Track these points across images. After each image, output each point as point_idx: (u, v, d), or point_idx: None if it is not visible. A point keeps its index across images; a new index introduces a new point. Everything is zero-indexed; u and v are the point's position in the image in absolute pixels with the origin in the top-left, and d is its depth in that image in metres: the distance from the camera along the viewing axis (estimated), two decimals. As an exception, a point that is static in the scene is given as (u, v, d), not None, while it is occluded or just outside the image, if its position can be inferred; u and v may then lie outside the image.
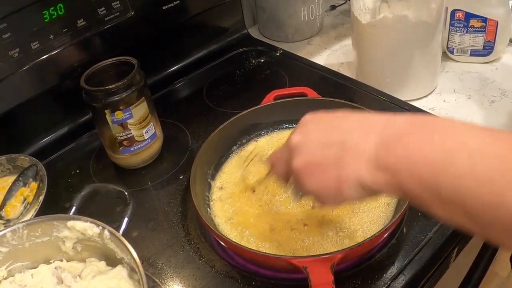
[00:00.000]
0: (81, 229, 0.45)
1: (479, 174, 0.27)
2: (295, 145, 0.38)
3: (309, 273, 0.43)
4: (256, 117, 0.64)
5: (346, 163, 0.34)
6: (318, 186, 0.36)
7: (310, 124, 0.38)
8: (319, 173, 0.36)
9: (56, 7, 0.62)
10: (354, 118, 0.36)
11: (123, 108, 0.58)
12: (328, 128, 0.37)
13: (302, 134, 0.38)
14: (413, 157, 0.30)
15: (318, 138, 0.36)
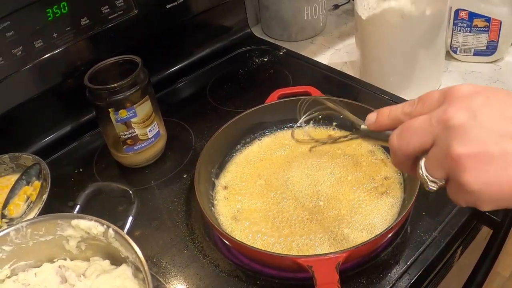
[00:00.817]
0: (86, 228, 0.45)
1: None
2: (459, 125, 0.28)
3: (314, 272, 0.43)
4: (260, 116, 0.64)
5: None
6: (487, 186, 0.28)
7: (476, 100, 0.29)
8: (494, 170, 0.28)
9: (59, 6, 0.61)
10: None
11: (127, 107, 0.58)
12: (506, 112, 0.29)
13: (468, 113, 0.29)
14: None
15: (494, 124, 0.28)
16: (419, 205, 0.53)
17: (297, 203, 0.55)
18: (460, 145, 0.29)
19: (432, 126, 0.30)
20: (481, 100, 0.29)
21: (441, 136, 0.30)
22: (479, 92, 0.30)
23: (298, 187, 0.56)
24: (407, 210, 0.48)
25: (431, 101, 0.32)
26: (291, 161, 0.61)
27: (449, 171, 0.30)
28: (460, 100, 0.30)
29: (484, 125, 0.29)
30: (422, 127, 0.31)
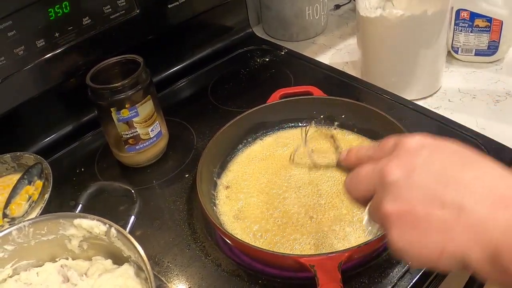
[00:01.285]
0: (88, 227, 0.45)
1: None
2: (393, 182, 0.29)
3: (316, 272, 0.43)
4: (262, 115, 0.64)
5: (456, 236, 0.26)
6: (409, 246, 0.28)
7: (418, 158, 0.29)
8: (417, 232, 0.28)
9: (61, 5, 0.62)
10: (479, 169, 0.28)
11: (129, 106, 0.58)
12: (442, 175, 0.28)
13: (405, 170, 0.29)
14: None
15: (427, 186, 0.28)
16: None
17: (299, 202, 0.55)
18: (390, 202, 0.29)
19: (373, 178, 0.31)
20: (423, 158, 0.29)
21: (378, 189, 0.30)
22: (426, 148, 0.30)
23: (300, 186, 0.56)
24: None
25: (386, 149, 0.32)
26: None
27: (381, 224, 0.31)
28: (404, 155, 0.30)
29: (416, 186, 0.28)
30: (366, 176, 0.32)
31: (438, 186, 0.28)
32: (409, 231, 0.28)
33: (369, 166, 0.32)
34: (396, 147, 0.31)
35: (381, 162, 0.31)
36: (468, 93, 0.73)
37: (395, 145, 0.32)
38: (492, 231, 0.26)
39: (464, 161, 0.29)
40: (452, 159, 0.29)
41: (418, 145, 0.30)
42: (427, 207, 0.28)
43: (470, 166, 0.28)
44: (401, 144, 0.31)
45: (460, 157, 0.29)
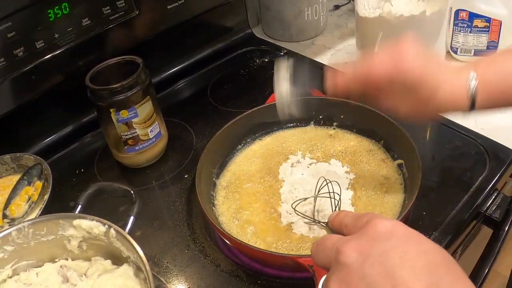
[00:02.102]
0: (87, 228, 0.45)
1: None
2: (345, 264, 0.29)
3: (315, 272, 0.43)
4: (261, 116, 0.64)
5: None
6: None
7: (378, 246, 0.29)
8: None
9: (61, 6, 0.62)
10: (439, 280, 0.27)
11: (128, 107, 0.58)
12: (394, 275, 0.27)
13: (360, 255, 0.29)
14: None
15: (373, 280, 0.28)
16: (420, 205, 0.53)
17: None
18: (336, 283, 0.29)
19: (332, 252, 0.31)
20: (382, 249, 0.29)
21: (332, 264, 0.30)
22: (394, 238, 0.29)
23: (299, 186, 0.57)
24: (407, 210, 0.49)
25: (359, 224, 0.32)
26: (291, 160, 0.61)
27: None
28: (366, 238, 0.30)
29: (364, 276, 0.28)
30: (327, 249, 0.32)
31: (385, 284, 0.27)
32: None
33: (336, 237, 0.32)
34: (366, 225, 0.31)
35: (344, 238, 0.31)
36: (467, 93, 0.73)
37: (367, 222, 0.31)
38: None
39: (427, 267, 0.27)
40: (414, 261, 0.27)
41: (387, 231, 0.29)
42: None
43: (430, 275, 0.27)
44: (371, 224, 0.30)
45: (425, 261, 0.27)
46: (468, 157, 0.59)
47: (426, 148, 0.63)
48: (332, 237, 0.32)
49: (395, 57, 0.42)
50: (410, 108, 0.44)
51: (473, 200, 0.54)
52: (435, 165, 0.59)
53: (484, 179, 0.56)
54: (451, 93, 0.42)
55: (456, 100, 0.42)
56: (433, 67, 0.43)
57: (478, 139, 0.61)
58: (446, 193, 0.55)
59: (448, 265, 0.27)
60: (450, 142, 0.62)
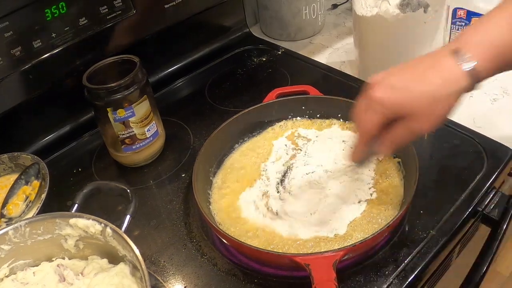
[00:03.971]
0: (83, 227, 0.45)
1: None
2: (378, 80, 0.41)
3: (311, 271, 0.43)
4: (258, 115, 0.64)
5: (432, 68, 0.40)
6: (388, 98, 0.40)
7: (379, 76, 0.42)
8: (404, 72, 0.42)
9: (58, 6, 0.62)
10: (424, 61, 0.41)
11: (125, 106, 0.58)
12: (391, 78, 0.41)
13: (380, 77, 0.42)
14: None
15: (398, 73, 0.41)
16: (417, 203, 0.53)
17: (295, 199, 0.55)
18: (377, 87, 0.41)
19: (363, 102, 0.43)
20: (383, 76, 0.42)
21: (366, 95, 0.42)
22: (382, 75, 0.42)
23: (296, 183, 0.57)
24: (404, 208, 0.49)
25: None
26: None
27: (368, 107, 0.43)
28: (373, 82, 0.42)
29: (386, 80, 0.41)
30: (361, 106, 0.44)
31: (407, 66, 0.42)
32: (400, 75, 0.41)
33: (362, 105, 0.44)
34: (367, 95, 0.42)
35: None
36: (465, 91, 0.73)
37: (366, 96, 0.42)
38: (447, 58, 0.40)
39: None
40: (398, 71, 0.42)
41: (374, 80, 0.42)
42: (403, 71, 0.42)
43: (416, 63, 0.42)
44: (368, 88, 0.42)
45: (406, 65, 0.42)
46: (466, 156, 0.59)
47: (424, 146, 0.62)
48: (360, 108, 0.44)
49: (373, 105, 0.42)
50: (428, 121, 0.41)
51: (471, 199, 0.54)
52: (433, 164, 0.59)
53: (482, 178, 0.56)
54: (444, 79, 0.40)
55: (454, 80, 0.40)
56: (412, 78, 0.41)
57: (475, 137, 0.61)
58: (443, 192, 0.55)
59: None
60: (447, 141, 0.62)
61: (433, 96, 0.39)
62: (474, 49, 0.39)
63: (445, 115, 0.41)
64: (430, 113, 0.40)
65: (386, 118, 0.41)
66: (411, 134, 0.42)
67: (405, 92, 0.40)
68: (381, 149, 0.44)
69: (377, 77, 0.42)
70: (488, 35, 0.40)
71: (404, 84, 0.40)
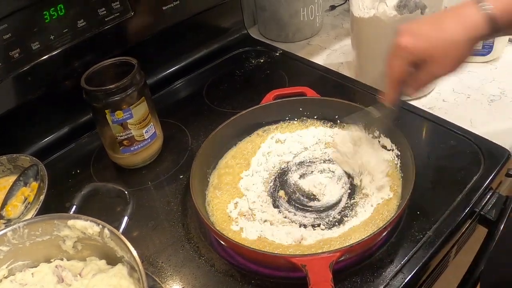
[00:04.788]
0: (82, 228, 0.45)
1: None
2: (403, 30, 0.45)
3: (308, 271, 0.43)
4: (255, 116, 0.64)
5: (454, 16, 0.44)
6: (415, 43, 0.44)
7: (405, 26, 0.45)
8: (428, 21, 0.45)
9: (56, 8, 0.62)
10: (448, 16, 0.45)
11: (123, 108, 0.58)
12: (416, 26, 0.45)
13: (407, 26, 0.45)
14: None
15: (422, 23, 0.46)
16: (414, 204, 0.53)
17: (292, 200, 0.55)
18: (403, 35, 0.46)
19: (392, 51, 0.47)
20: (408, 26, 0.46)
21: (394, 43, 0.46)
22: (408, 25, 0.47)
23: (293, 184, 0.57)
24: (401, 209, 0.49)
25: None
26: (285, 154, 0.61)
27: (395, 54, 0.46)
28: (401, 29, 0.47)
29: (411, 29, 0.46)
30: (393, 55, 0.47)
31: (432, 16, 0.47)
32: (426, 27, 0.45)
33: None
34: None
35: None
36: (463, 92, 0.74)
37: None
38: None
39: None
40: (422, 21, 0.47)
41: (401, 29, 0.46)
42: (430, 23, 0.46)
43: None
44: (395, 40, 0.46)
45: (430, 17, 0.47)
46: (463, 157, 0.59)
47: (421, 147, 0.63)
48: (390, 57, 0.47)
49: (399, 52, 0.46)
50: (447, 64, 0.46)
51: (468, 200, 0.54)
52: (430, 165, 0.59)
53: (479, 178, 0.56)
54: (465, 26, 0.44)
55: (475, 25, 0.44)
56: (436, 24, 0.45)
57: (472, 138, 0.62)
58: (440, 193, 0.56)
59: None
60: (444, 142, 0.62)
61: (451, 41, 0.44)
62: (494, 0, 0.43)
63: (463, 60, 0.46)
64: (448, 57, 0.45)
65: (411, 62, 0.46)
66: (432, 77, 0.47)
67: (426, 38, 0.45)
68: (409, 91, 0.49)
69: (404, 26, 0.46)
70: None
71: (426, 31, 0.45)
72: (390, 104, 0.51)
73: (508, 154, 0.59)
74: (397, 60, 0.46)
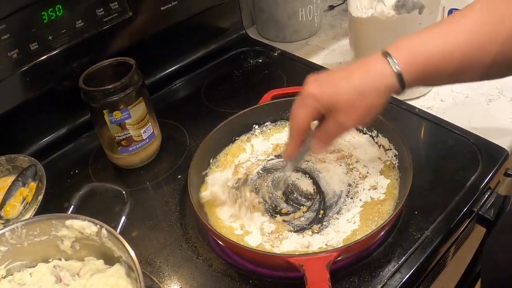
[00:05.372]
0: (79, 228, 0.45)
1: None
2: (311, 79, 0.45)
3: (305, 271, 0.43)
4: (253, 116, 0.64)
5: (361, 68, 0.44)
6: (322, 93, 0.43)
7: (311, 77, 0.45)
8: (336, 72, 0.45)
9: (55, 8, 0.62)
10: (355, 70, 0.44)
11: (121, 108, 0.58)
12: (323, 77, 0.45)
13: (314, 77, 0.45)
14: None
15: (330, 73, 0.45)
16: (412, 204, 0.53)
17: (290, 200, 0.55)
18: (312, 84, 0.45)
19: (298, 101, 0.46)
20: (316, 76, 0.46)
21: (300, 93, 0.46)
22: (316, 75, 0.46)
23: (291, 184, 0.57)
24: (398, 209, 0.49)
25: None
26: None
27: (301, 102, 0.46)
28: (306, 83, 0.46)
29: (318, 78, 0.45)
30: (297, 104, 0.46)
31: (341, 67, 0.46)
32: (334, 79, 0.44)
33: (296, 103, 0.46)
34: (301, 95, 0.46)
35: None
36: (461, 92, 0.73)
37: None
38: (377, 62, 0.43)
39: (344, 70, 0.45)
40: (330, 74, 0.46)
41: (308, 79, 0.46)
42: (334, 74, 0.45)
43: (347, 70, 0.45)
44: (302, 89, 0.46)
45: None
46: (461, 156, 0.59)
47: (419, 147, 0.63)
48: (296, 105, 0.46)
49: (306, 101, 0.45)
50: (354, 114, 0.44)
51: (466, 199, 0.54)
52: (428, 164, 0.59)
53: (477, 178, 0.56)
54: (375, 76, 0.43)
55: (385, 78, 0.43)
56: (344, 75, 0.44)
57: (470, 138, 0.62)
58: (438, 192, 0.56)
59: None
60: (442, 141, 0.62)
61: (358, 90, 0.43)
62: (401, 53, 0.43)
63: (371, 111, 0.44)
64: (355, 106, 0.43)
65: (317, 111, 0.44)
66: (339, 127, 0.45)
67: (332, 87, 0.44)
68: (313, 145, 0.47)
69: (312, 77, 0.45)
70: (417, 43, 0.44)
71: (333, 80, 0.44)
72: (288, 157, 0.49)
73: (506, 153, 0.59)
74: (303, 108, 0.45)
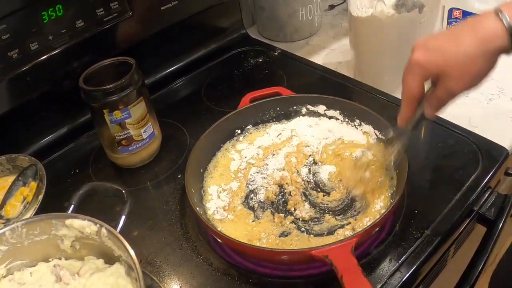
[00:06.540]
0: (79, 227, 0.45)
1: None
2: (417, 45, 0.43)
3: (332, 261, 0.42)
4: (251, 113, 0.64)
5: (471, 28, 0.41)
6: (428, 59, 0.42)
7: (421, 40, 0.43)
8: (443, 35, 0.43)
9: (55, 8, 0.62)
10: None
11: (121, 108, 0.58)
12: (430, 39, 0.43)
13: (422, 41, 0.43)
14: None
15: (437, 36, 0.44)
16: (412, 203, 0.53)
17: (289, 196, 0.55)
18: (417, 50, 0.44)
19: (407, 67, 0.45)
20: (422, 40, 0.44)
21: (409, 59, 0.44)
22: (423, 39, 0.45)
23: (290, 182, 0.57)
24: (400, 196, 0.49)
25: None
26: (279, 149, 0.62)
27: (409, 70, 0.44)
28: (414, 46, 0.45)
29: (425, 43, 0.44)
30: (407, 71, 0.45)
31: (449, 29, 0.42)
32: (441, 40, 0.42)
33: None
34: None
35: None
36: (461, 91, 0.73)
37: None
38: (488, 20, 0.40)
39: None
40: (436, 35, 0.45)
41: (416, 44, 0.44)
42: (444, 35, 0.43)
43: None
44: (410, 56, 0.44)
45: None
46: (461, 155, 0.59)
47: (419, 146, 0.63)
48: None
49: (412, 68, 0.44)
50: (462, 80, 0.42)
51: (466, 198, 0.54)
52: (428, 164, 0.59)
53: (477, 177, 0.56)
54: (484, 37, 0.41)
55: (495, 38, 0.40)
56: (453, 37, 0.42)
57: (470, 137, 0.62)
58: (438, 191, 0.56)
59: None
60: (443, 141, 0.62)
61: (467, 56, 0.41)
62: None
63: (483, 75, 0.42)
64: (464, 72, 0.41)
65: (426, 78, 0.43)
66: (449, 94, 0.43)
67: (439, 52, 0.42)
68: (425, 111, 0.46)
69: (419, 41, 0.44)
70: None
71: (440, 45, 0.42)
72: (403, 124, 0.48)
73: (507, 152, 0.59)
74: (412, 77, 0.44)
